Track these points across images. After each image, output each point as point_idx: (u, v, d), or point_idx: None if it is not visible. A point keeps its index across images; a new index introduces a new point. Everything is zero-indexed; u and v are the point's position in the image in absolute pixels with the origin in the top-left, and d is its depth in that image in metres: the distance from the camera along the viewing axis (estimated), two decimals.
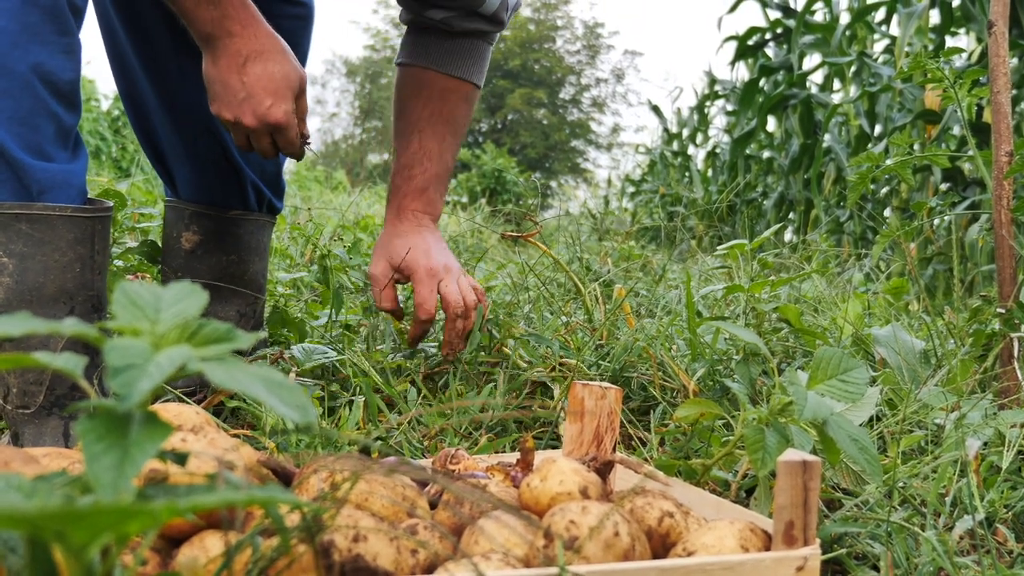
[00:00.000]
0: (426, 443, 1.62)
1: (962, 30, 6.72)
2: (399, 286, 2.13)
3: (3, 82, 1.42)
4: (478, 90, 2.09)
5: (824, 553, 1.18)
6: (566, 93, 30.93)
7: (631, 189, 12.32)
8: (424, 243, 1.98)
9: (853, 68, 7.71)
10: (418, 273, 1.95)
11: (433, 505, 1.05)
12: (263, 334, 0.75)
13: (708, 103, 10.74)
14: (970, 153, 2.01)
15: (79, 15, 1.50)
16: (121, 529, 0.56)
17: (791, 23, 8.36)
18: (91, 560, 0.57)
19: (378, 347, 2.09)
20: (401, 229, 2.00)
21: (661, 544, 0.99)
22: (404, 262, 1.96)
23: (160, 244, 2.07)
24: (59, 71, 1.46)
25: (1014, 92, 5.27)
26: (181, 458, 0.70)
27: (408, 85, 2.05)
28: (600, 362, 1.99)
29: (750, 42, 8.98)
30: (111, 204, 1.59)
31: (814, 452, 1.27)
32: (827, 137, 7.49)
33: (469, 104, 2.08)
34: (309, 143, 1.77)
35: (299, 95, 1.71)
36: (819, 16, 8.51)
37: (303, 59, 2.07)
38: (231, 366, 0.66)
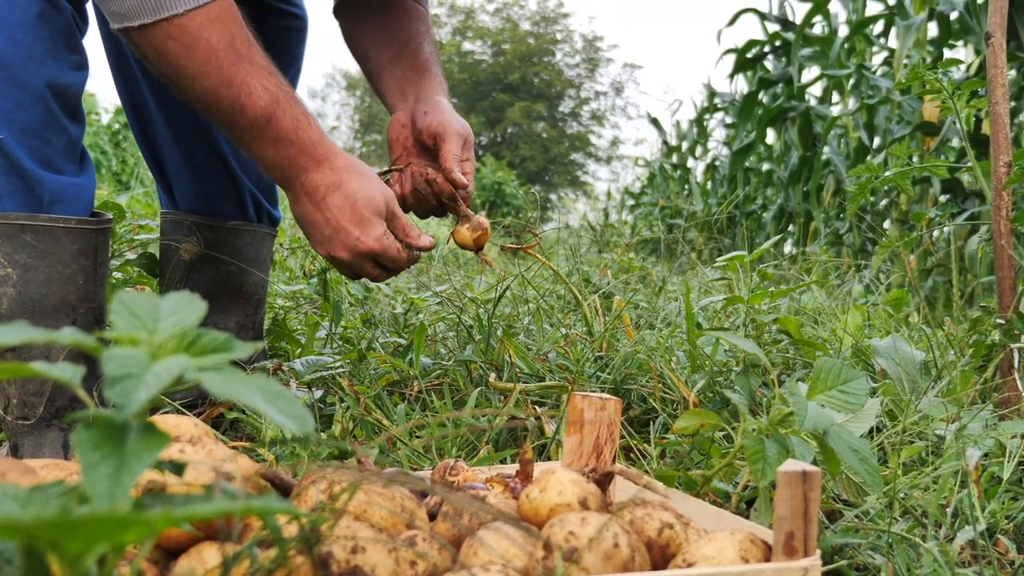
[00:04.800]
0: (424, 454, 1.61)
1: (960, 42, 6.75)
2: None
3: (17, 94, 1.43)
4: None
5: (825, 564, 1.18)
6: (565, 106, 30.99)
7: (631, 202, 12.34)
8: (447, 107, 1.86)
9: (852, 80, 7.73)
10: (449, 132, 1.80)
11: (432, 516, 1.05)
12: (261, 344, 0.75)
13: (707, 116, 10.77)
14: (969, 164, 2.01)
15: (83, 33, 1.53)
16: (117, 539, 0.55)
17: (790, 36, 8.39)
18: (87, 570, 0.57)
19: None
20: (423, 98, 1.87)
21: (661, 555, 0.99)
22: (429, 121, 1.81)
23: (159, 256, 2.07)
24: (70, 86, 1.49)
25: (1012, 103, 5.28)
26: (178, 468, 0.69)
27: (384, 4, 1.97)
28: (600, 373, 1.99)
29: (749, 55, 9.01)
30: (111, 216, 1.59)
31: (814, 463, 1.27)
32: (826, 149, 7.50)
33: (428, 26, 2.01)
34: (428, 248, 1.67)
35: (391, 216, 1.63)
36: (818, 29, 8.54)
37: (297, 71, 2.07)
38: (229, 376, 0.65)
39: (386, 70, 1.92)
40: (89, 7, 1.57)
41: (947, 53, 6.82)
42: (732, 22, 9.06)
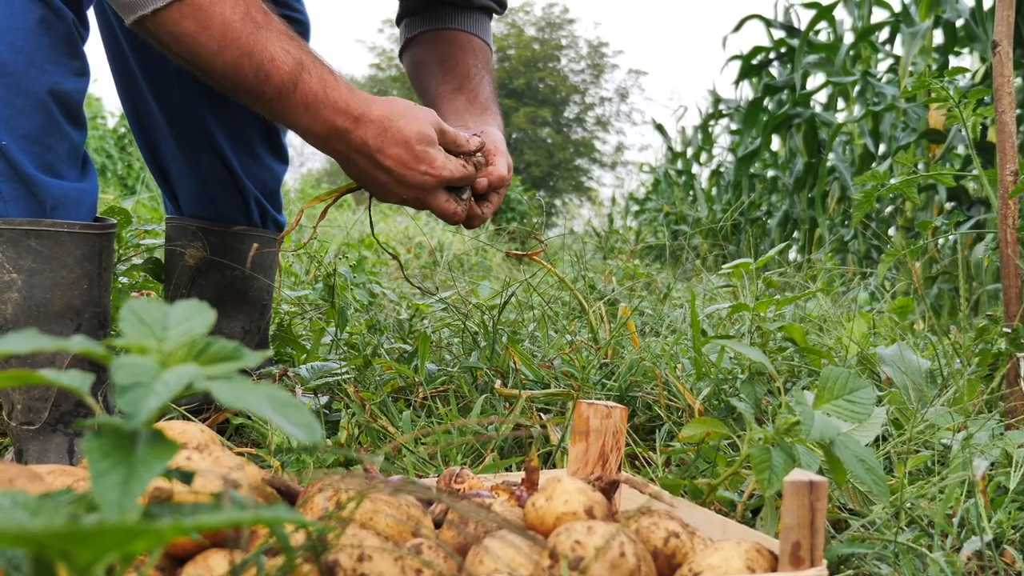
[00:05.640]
0: (430, 461, 1.61)
1: (966, 50, 6.74)
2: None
3: (19, 100, 1.44)
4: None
5: (831, 574, 1.17)
6: (570, 112, 30.99)
7: (635, 208, 12.33)
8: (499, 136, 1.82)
9: (857, 87, 7.74)
10: (499, 150, 1.74)
11: (438, 524, 1.05)
12: (269, 352, 0.75)
13: (712, 122, 10.77)
14: (975, 172, 2.01)
15: (84, 39, 1.53)
16: (126, 548, 0.56)
17: (795, 43, 8.39)
18: None
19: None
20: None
21: (667, 565, 0.99)
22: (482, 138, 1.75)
23: (164, 261, 2.07)
24: (71, 92, 1.49)
25: (1019, 112, 5.27)
26: (187, 477, 0.69)
27: (439, 47, 1.99)
28: (605, 381, 1.99)
29: (754, 61, 9.01)
30: (115, 221, 1.60)
31: (821, 472, 1.26)
32: (831, 156, 7.50)
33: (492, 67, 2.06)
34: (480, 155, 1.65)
35: (441, 135, 1.59)
36: (823, 36, 8.54)
37: None
38: (238, 385, 0.65)
39: (445, 101, 1.92)
40: (90, 13, 1.57)
41: (953, 61, 6.82)
42: (737, 28, 9.07)
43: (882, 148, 7.21)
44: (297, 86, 1.49)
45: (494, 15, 2.11)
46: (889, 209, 6.93)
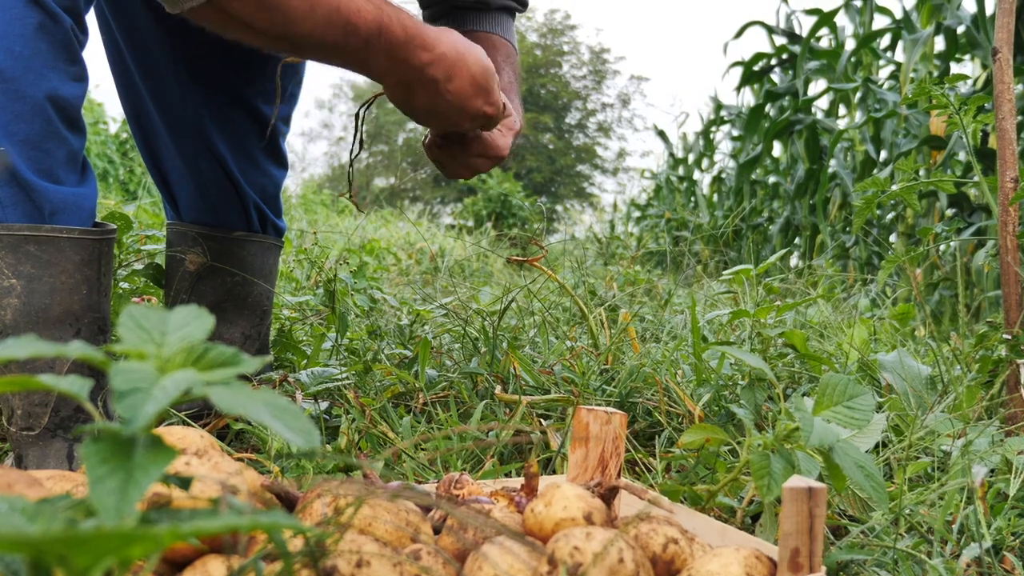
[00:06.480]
0: (429, 467, 1.61)
1: (967, 56, 6.75)
2: None
3: (17, 106, 1.44)
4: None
5: None
6: (572, 118, 31.03)
7: (637, 214, 12.34)
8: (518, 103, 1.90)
9: (858, 94, 7.74)
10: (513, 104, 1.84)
11: (437, 530, 1.05)
12: (269, 358, 0.75)
13: (714, 128, 10.78)
14: (976, 179, 2.01)
15: (82, 45, 1.53)
16: (124, 553, 0.56)
17: (796, 49, 8.40)
18: None
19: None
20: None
21: (666, 571, 0.98)
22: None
23: (164, 267, 2.07)
24: (70, 98, 1.49)
25: (1019, 119, 5.27)
26: (185, 482, 0.69)
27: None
28: (605, 387, 1.99)
29: (756, 68, 9.02)
30: (115, 227, 1.60)
31: (820, 478, 1.26)
32: (832, 162, 7.51)
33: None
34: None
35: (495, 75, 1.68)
36: (824, 42, 8.55)
37: (299, 81, 2.09)
38: (237, 390, 0.65)
39: None
40: (88, 19, 1.57)
41: (954, 67, 6.83)
42: (739, 35, 9.08)
43: (883, 154, 7.22)
44: (381, 33, 1.51)
45: (517, 14, 2.11)
46: (890, 216, 6.93)
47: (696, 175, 11.13)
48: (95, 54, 2.01)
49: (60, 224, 1.49)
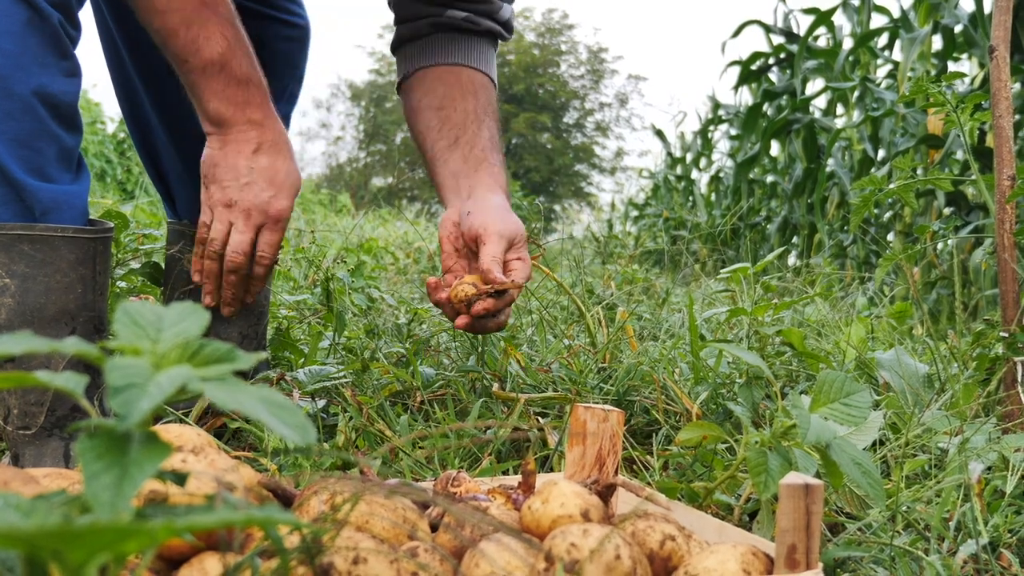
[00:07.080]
0: (427, 465, 1.61)
1: (964, 55, 6.75)
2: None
3: (6, 104, 1.43)
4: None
5: None
6: (570, 117, 31.03)
7: (635, 213, 12.33)
8: (493, 206, 1.83)
9: (856, 93, 7.74)
10: (489, 234, 1.75)
11: (434, 527, 1.05)
12: (264, 354, 0.75)
13: (712, 127, 10.77)
14: (973, 177, 2.01)
15: (75, 41, 1.52)
16: (119, 548, 0.55)
17: (794, 48, 8.40)
18: None
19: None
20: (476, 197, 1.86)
21: (663, 568, 0.98)
22: (471, 222, 1.77)
23: (163, 265, 2.07)
24: (60, 94, 1.48)
25: (1016, 117, 5.28)
26: (180, 478, 0.69)
27: (437, 89, 1.97)
28: (603, 385, 1.99)
29: (753, 67, 9.02)
30: (112, 225, 1.59)
31: (817, 476, 1.27)
32: (830, 161, 7.51)
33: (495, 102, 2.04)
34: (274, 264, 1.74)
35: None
36: (822, 41, 8.54)
37: (299, 80, 2.08)
38: (232, 387, 0.65)
39: (440, 161, 1.92)
40: (86, 18, 1.57)
41: (951, 66, 6.83)
42: (736, 34, 9.08)
43: (881, 153, 7.22)
44: (223, 69, 1.57)
45: (500, 41, 2.08)
46: (888, 214, 6.93)
47: (694, 174, 11.13)
48: (92, 53, 2.01)
49: (53, 223, 1.48)
